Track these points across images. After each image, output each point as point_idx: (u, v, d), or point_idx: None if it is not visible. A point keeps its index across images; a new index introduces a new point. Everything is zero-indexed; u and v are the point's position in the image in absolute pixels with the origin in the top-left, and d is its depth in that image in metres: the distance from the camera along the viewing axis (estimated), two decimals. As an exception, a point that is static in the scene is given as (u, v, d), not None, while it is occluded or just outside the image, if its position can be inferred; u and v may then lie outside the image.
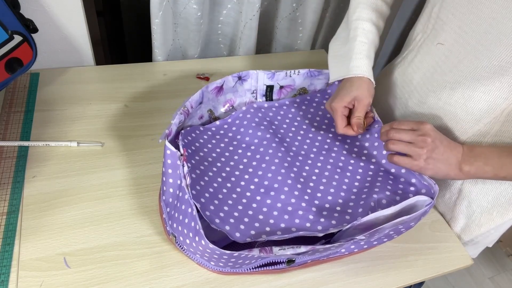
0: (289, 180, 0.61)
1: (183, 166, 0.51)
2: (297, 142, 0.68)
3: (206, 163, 0.61)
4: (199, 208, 0.51)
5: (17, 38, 0.66)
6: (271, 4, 1.03)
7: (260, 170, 0.62)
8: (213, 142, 0.65)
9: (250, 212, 0.56)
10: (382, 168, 0.64)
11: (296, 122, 0.72)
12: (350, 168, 0.65)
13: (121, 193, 0.64)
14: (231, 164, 0.63)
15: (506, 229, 0.70)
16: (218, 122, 0.69)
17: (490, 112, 0.57)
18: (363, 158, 0.66)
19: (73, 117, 0.75)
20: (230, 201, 0.57)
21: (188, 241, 0.51)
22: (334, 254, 0.58)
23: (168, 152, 0.52)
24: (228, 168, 0.62)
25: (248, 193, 0.59)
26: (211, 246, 0.47)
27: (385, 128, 0.60)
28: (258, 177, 0.61)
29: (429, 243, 0.65)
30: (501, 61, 0.53)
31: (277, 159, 0.63)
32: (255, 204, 0.57)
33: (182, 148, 0.53)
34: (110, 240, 0.57)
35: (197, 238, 0.48)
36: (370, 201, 0.58)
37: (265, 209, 0.57)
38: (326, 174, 0.64)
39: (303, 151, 0.67)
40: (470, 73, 0.57)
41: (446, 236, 0.67)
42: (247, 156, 0.64)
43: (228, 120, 0.70)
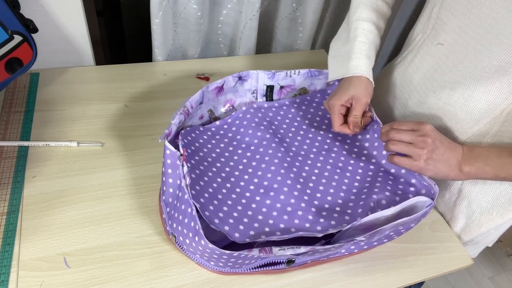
0: (289, 181, 0.61)
1: (183, 166, 0.51)
2: (297, 142, 0.68)
3: (206, 163, 0.61)
4: (198, 208, 0.51)
5: (17, 38, 0.66)
6: (271, 4, 1.03)
7: (260, 170, 0.62)
8: (213, 142, 0.65)
9: (250, 212, 0.56)
10: (382, 169, 0.64)
11: (296, 122, 0.72)
12: (349, 168, 0.65)
13: (121, 193, 0.64)
14: (230, 164, 0.63)
15: (506, 229, 0.70)
16: (218, 122, 0.69)
17: (490, 112, 0.57)
18: (363, 159, 0.66)
19: (73, 117, 0.75)
20: (230, 201, 0.57)
21: (187, 241, 0.51)
22: (334, 254, 0.58)
23: (168, 152, 0.52)
24: (227, 168, 0.62)
25: (248, 193, 0.59)
26: (211, 246, 0.47)
27: (385, 128, 0.60)
28: (258, 177, 0.61)
29: (429, 243, 0.65)
30: (501, 61, 0.53)
31: (276, 159, 0.63)
32: (254, 205, 0.57)
33: (181, 148, 0.53)
34: (110, 240, 0.58)
35: (196, 238, 0.48)
36: (370, 202, 0.58)
37: (264, 209, 0.57)
38: (326, 174, 0.64)
39: (303, 151, 0.67)
40: (470, 73, 0.57)
41: (446, 236, 0.67)
42: (246, 156, 0.64)
43: (228, 120, 0.70)
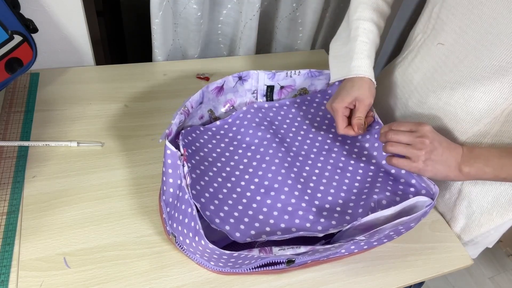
0: (289, 180, 0.61)
1: (183, 166, 0.51)
2: (297, 142, 0.68)
3: (206, 163, 0.61)
4: (199, 208, 0.51)
5: (17, 38, 0.66)
6: (271, 4, 1.03)
7: (260, 170, 0.62)
8: (214, 142, 0.65)
9: (250, 212, 0.56)
10: (382, 169, 0.64)
11: (297, 123, 0.72)
12: (350, 168, 0.65)
13: (121, 193, 0.64)
14: (231, 164, 0.63)
15: (506, 229, 0.70)
16: (218, 122, 0.69)
17: (490, 112, 0.57)
18: (363, 159, 0.66)
19: (73, 117, 0.75)
20: (230, 201, 0.57)
21: (188, 241, 0.51)
22: (334, 254, 0.58)
23: (168, 152, 0.52)
24: (228, 168, 0.62)
25: (248, 193, 0.59)
26: (211, 246, 0.47)
27: (384, 129, 0.60)
28: (258, 177, 0.61)
29: (429, 243, 0.65)
30: (502, 61, 0.53)
31: (277, 159, 0.63)
32: (255, 204, 0.57)
33: (182, 148, 0.53)
34: (110, 240, 0.57)
35: (197, 238, 0.48)
36: (370, 202, 0.58)
37: (265, 209, 0.57)
38: (326, 174, 0.64)
39: (303, 152, 0.67)
40: (470, 73, 0.57)
41: (446, 236, 0.67)
42: (247, 156, 0.64)
43: (229, 120, 0.69)
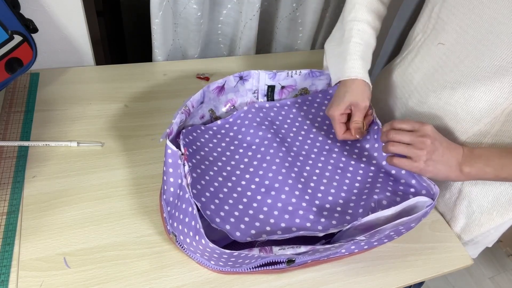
0: (290, 180, 0.61)
1: (184, 165, 0.51)
2: (298, 142, 0.68)
3: (207, 163, 0.61)
4: (199, 207, 0.51)
5: (17, 38, 0.66)
6: (271, 4, 1.03)
7: (261, 170, 0.62)
8: (214, 142, 0.65)
9: (251, 211, 0.56)
10: (383, 170, 0.64)
11: (297, 123, 0.72)
12: (350, 169, 0.65)
13: (121, 193, 0.64)
14: (232, 164, 0.63)
15: (506, 229, 0.70)
16: (219, 122, 0.69)
17: (490, 112, 0.57)
18: (364, 160, 0.66)
19: (73, 117, 0.75)
20: (231, 201, 0.57)
21: (188, 240, 0.51)
22: (334, 254, 0.58)
23: (169, 151, 0.52)
24: (229, 168, 0.62)
25: (249, 193, 0.59)
26: (211, 245, 0.47)
27: (385, 127, 0.60)
28: (259, 177, 0.61)
29: (429, 243, 0.65)
30: (502, 61, 0.53)
31: (278, 159, 0.63)
32: (255, 204, 0.57)
33: (183, 147, 0.53)
34: (110, 240, 0.57)
35: (197, 237, 0.48)
36: (371, 202, 0.58)
37: (265, 208, 0.57)
38: (327, 174, 0.64)
39: (304, 152, 0.67)
40: (470, 73, 0.57)
41: (446, 236, 0.67)
42: (248, 155, 0.64)
43: (230, 119, 0.69)
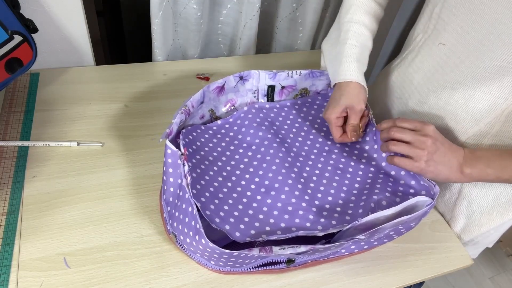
0: (290, 180, 0.61)
1: (184, 165, 0.51)
2: (298, 143, 0.68)
3: (207, 162, 0.61)
4: (199, 207, 0.51)
5: (17, 38, 0.66)
6: (271, 4, 1.03)
7: (261, 170, 0.62)
8: (214, 142, 0.65)
9: (251, 211, 0.56)
10: (382, 170, 0.64)
11: (297, 124, 0.72)
12: (350, 170, 0.65)
13: (121, 193, 0.64)
14: (231, 164, 0.63)
15: (506, 229, 0.70)
16: (219, 122, 0.69)
17: (490, 112, 0.57)
18: (363, 161, 0.66)
19: (73, 117, 0.75)
20: (231, 201, 0.57)
21: (188, 240, 0.51)
22: (334, 254, 0.58)
23: (169, 151, 0.52)
24: (228, 168, 0.62)
25: (249, 193, 0.59)
26: (211, 245, 0.47)
27: (387, 124, 0.60)
28: (259, 177, 0.61)
29: (429, 243, 0.65)
30: (503, 62, 0.53)
31: (278, 159, 0.63)
32: (255, 204, 0.57)
33: (182, 147, 0.53)
34: (110, 240, 0.57)
35: (197, 237, 0.48)
36: (370, 202, 0.58)
37: (265, 208, 0.57)
38: (327, 175, 0.64)
39: (304, 152, 0.67)
40: (471, 73, 0.57)
41: (446, 236, 0.67)
42: (248, 156, 0.64)
43: (230, 119, 0.69)
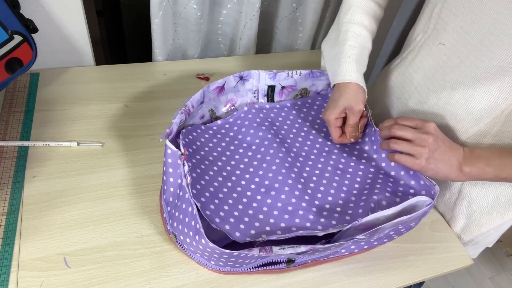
0: (290, 180, 0.61)
1: (184, 165, 0.51)
2: (298, 143, 0.68)
3: (207, 162, 0.61)
4: (199, 207, 0.51)
5: (17, 38, 0.66)
6: (271, 4, 1.03)
7: (261, 170, 0.62)
8: (214, 142, 0.65)
9: (251, 211, 0.56)
10: (382, 171, 0.64)
11: (297, 124, 0.72)
12: (350, 170, 0.65)
13: (121, 193, 0.64)
14: (231, 164, 0.63)
15: (506, 229, 0.70)
16: (219, 122, 0.69)
17: (490, 112, 0.57)
18: (363, 161, 0.66)
19: (73, 117, 0.75)
20: (231, 201, 0.57)
21: (188, 240, 0.51)
22: (334, 254, 0.58)
23: (169, 151, 0.52)
24: (228, 168, 0.62)
25: (249, 193, 0.59)
26: (211, 245, 0.47)
27: (388, 122, 0.60)
28: (259, 177, 0.61)
29: (429, 243, 0.65)
30: (503, 62, 0.53)
31: (278, 159, 0.63)
32: (255, 204, 0.57)
33: (182, 147, 0.53)
34: (110, 240, 0.57)
35: (197, 237, 0.48)
36: (370, 202, 0.58)
37: (265, 208, 0.57)
38: (327, 175, 0.64)
39: (304, 153, 0.67)
40: (471, 73, 0.57)
41: (446, 236, 0.67)
42: (248, 156, 0.64)
43: (230, 119, 0.70)
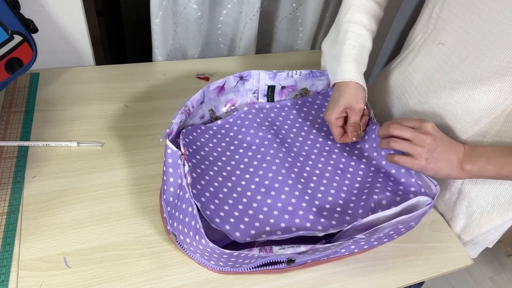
0: (290, 180, 0.61)
1: (184, 165, 0.51)
2: (298, 143, 0.68)
3: (207, 162, 0.61)
4: (199, 207, 0.51)
5: (17, 38, 0.66)
6: (271, 4, 1.03)
7: (261, 170, 0.62)
8: (214, 142, 0.65)
9: (251, 211, 0.56)
10: (383, 170, 0.64)
11: (298, 124, 0.72)
12: (350, 170, 0.65)
13: (121, 193, 0.64)
14: (232, 164, 0.63)
15: (506, 229, 0.70)
16: (219, 122, 0.69)
17: (490, 112, 0.57)
18: (364, 161, 0.66)
19: (73, 117, 0.75)
20: (231, 201, 0.57)
21: (188, 240, 0.51)
22: (334, 254, 0.58)
23: (169, 151, 0.52)
24: (228, 168, 0.62)
25: (249, 193, 0.59)
26: (211, 245, 0.47)
27: (386, 123, 0.60)
28: (259, 177, 0.61)
29: (429, 243, 0.65)
30: (502, 61, 0.53)
31: (278, 159, 0.63)
32: (255, 204, 0.57)
33: (182, 147, 0.53)
34: (110, 240, 0.57)
35: (197, 237, 0.48)
36: (370, 202, 0.58)
37: (265, 208, 0.57)
38: (327, 175, 0.64)
39: (304, 152, 0.67)
40: (471, 73, 0.57)
41: (446, 236, 0.67)
42: (248, 156, 0.64)
43: (230, 119, 0.70)
